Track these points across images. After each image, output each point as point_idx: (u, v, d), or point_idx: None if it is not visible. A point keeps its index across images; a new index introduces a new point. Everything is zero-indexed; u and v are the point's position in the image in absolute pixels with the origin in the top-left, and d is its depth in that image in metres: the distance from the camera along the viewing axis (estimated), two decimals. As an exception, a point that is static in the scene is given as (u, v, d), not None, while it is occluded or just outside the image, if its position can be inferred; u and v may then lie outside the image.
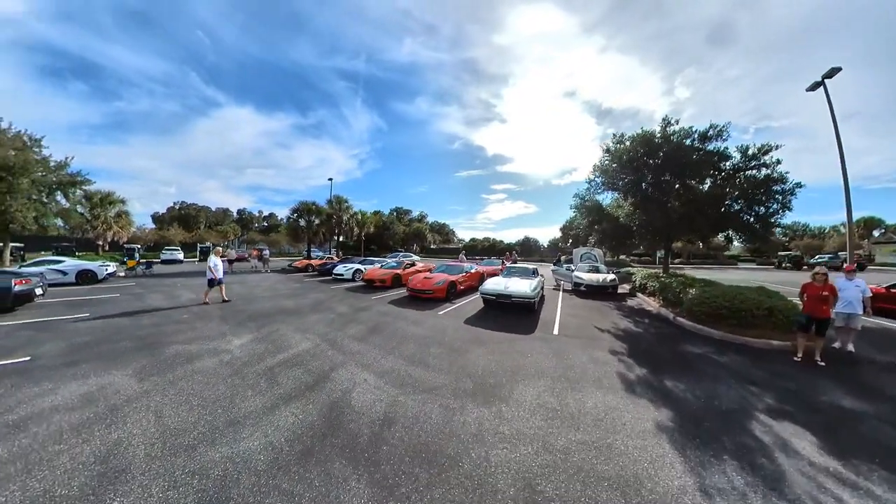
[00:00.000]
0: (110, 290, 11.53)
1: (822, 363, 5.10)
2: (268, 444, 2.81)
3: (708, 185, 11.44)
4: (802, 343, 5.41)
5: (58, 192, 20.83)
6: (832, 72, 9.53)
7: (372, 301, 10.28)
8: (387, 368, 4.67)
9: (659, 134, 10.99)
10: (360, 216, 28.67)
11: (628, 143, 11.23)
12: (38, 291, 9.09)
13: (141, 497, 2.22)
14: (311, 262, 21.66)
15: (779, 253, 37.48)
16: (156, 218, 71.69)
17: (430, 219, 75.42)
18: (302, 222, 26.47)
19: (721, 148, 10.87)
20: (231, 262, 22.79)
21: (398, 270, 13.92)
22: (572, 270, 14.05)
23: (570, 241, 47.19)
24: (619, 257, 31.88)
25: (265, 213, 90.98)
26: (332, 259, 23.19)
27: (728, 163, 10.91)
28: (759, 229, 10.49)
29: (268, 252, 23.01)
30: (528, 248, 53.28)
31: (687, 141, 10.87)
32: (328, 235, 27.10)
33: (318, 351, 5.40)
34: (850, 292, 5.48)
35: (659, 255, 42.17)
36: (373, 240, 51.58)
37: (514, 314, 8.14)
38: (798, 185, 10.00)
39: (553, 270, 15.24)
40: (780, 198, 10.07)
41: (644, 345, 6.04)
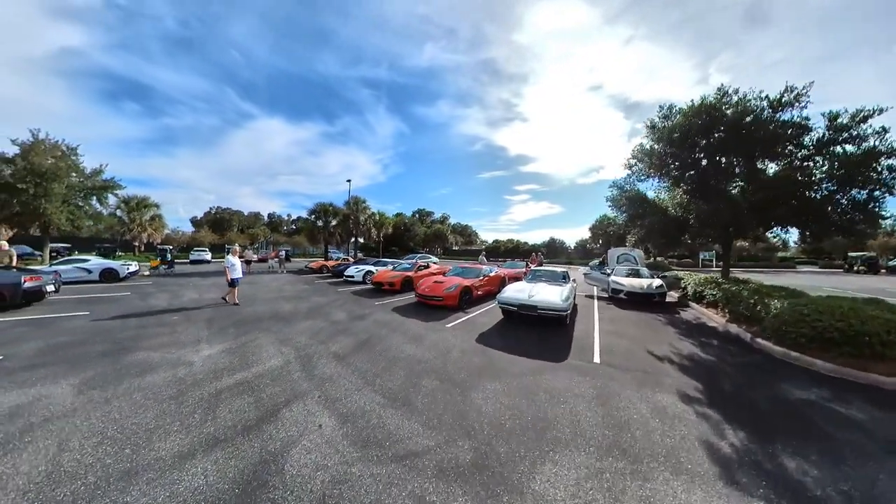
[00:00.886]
0: (125, 289, 11.95)
1: None
2: None
3: (781, 165, 9.20)
4: None
5: (92, 197, 21.86)
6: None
7: (374, 307, 9.10)
8: (355, 409, 3.38)
9: (714, 102, 8.92)
10: (377, 217, 27.90)
11: (679, 118, 9.23)
12: (50, 288, 9.30)
13: None
14: (326, 263, 21.25)
15: (849, 254, 32.40)
16: (194, 221, 76.09)
17: (452, 220, 74.17)
18: (320, 223, 26.02)
19: (800, 117, 8.64)
20: (249, 262, 22.78)
21: (409, 273, 12.69)
22: (608, 274, 12.16)
23: (601, 241, 43.98)
24: (656, 259, 28.86)
25: (293, 217, 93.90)
26: (347, 260, 22.55)
27: (809, 136, 8.65)
28: (860, 221, 8.18)
29: (284, 253, 22.82)
30: (553, 250, 50.59)
31: (755, 111, 8.73)
32: (345, 236, 26.52)
33: (284, 372, 4.33)
34: None
35: (702, 257, 38.16)
36: (393, 241, 51.10)
37: (541, 330, 6.57)
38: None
39: (585, 275, 13.34)
40: (887, 177, 7.74)
41: (725, 383, 4.30)
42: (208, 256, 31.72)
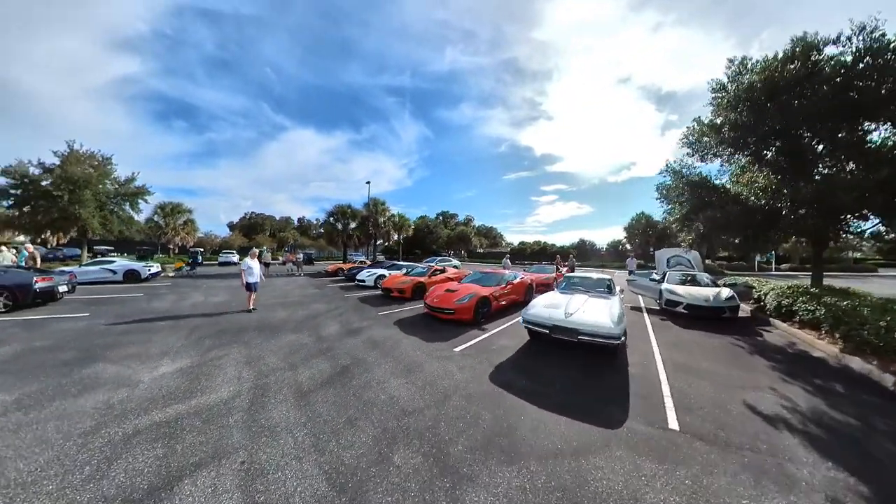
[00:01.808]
0: (141, 290, 12.31)
1: None
2: None
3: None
4: None
5: (125, 203, 22.81)
6: None
7: (375, 319, 7.83)
8: (278, 499, 2.03)
9: (812, 43, 6.72)
10: (397, 218, 26.91)
11: (758, 75, 7.06)
12: (63, 289, 9.53)
13: None
14: (342, 266, 20.54)
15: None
16: (231, 226, 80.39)
17: (477, 222, 72.57)
18: (339, 226, 25.45)
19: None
20: (267, 265, 22.56)
21: (422, 278, 11.32)
22: (659, 281, 10.11)
23: (638, 241, 40.37)
24: (703, 261, 25.48)
25: (321, 221, 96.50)
26: (363, 263, 21.74)
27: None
28: None
29: (301, 256, 22.45)
30: (583, 252, 47.36)
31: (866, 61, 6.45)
32: (363, 239, 25.77)
33: (223, 411, 3.37)
34: None
35: (759, 259, 33.64)
36: (416, 244, 50.31)
37: (581, 361, 4.89)
38: None
39: (629, 281, 11.26)
40: None
41: (920, 484, 2.48)
42: (235, 259, 32.84)
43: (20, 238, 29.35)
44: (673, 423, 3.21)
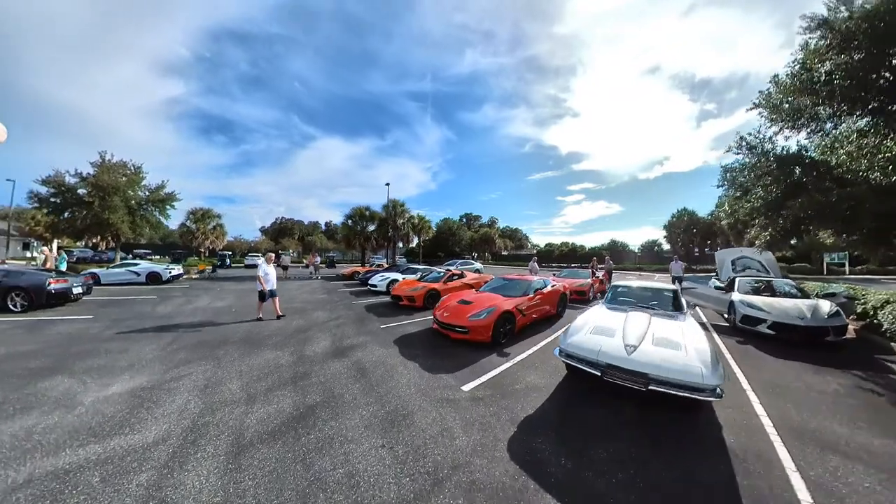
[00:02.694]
0: (156, 293, 12.58)
1: None
2: None
3: None
4: None
5: (155, 209, 23.62)
6: None
7: (376, 332, 6.73)
8: None
9: None
10: (416, 220, 25.91)
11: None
12: (77, 291, 9.73)
13: None
14: (358, 269, 19.81)
15: None
16: (263, 230, 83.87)
17: (501, 224, 70.50)
18: (357, 228, 24.84)
19: None
20: (286, 268, 22.33)
21: (435, 285, 10.05)
22: (724, 289, 8.19)
23: (680, 241, 36.79)
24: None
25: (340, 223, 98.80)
26: (380, 266, 20.89)
27: None
28: None
29: (318, 259, 22.05)
30: (616, 254, 43.85)
31: None
32: (381, 241, 24.99)
33: (136, 464, 2.63)
34: None
35: (829, 260, 29.25)
36: (438, 246, 49.30)
37: (649, 415, 3.39)
38: None
39: (685, 289, 9.32)
40: None
41: None
42: (260, 261, 33.32)
43: (53, 242, 31.62)
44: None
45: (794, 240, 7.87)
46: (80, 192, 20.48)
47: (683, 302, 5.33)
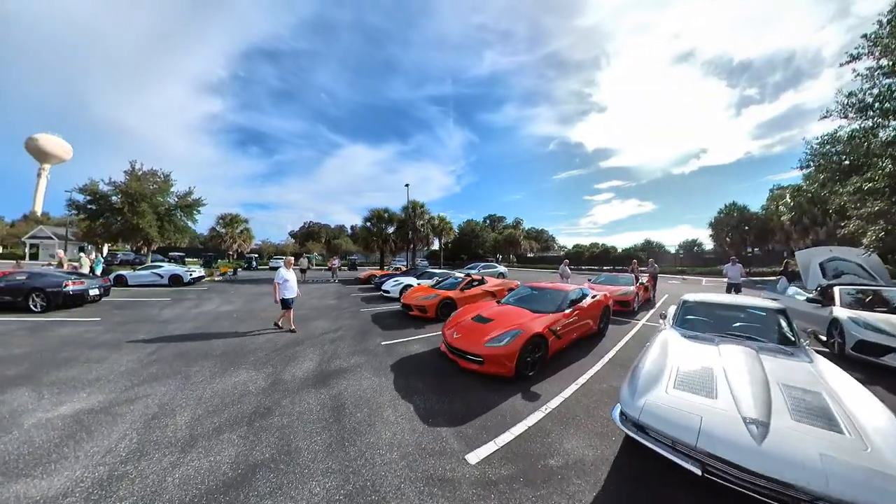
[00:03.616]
0: (174, 294, 12.89)
1: None
2: None
3: None
4: None
5: (182, 214, 24.30)
6: None
7: (373, 351, 5.60)
8: None
9: None
10: (436, 221, 24.79)
11: None
12: (94, 293, 10.06)
13: None
14: (374, 272, 19.00)
15: None
16: (292, 234, 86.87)
17: (526, 225, 68.01)
18: (376, 230, 24.11)
19: None
20: (304, 271, 21.96)
21: (451, 293, 8.74)
22: (820, 302, 6.28)
23: (729, 239, 32.85)
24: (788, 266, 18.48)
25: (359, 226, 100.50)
26: (398, 270, 19.97)
27: None
28: None
29: (337, 262, 21.55)
30: (653, 256, 40.18)
31: None
32: (399, 243, 24.08)
33: None
34: None
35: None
36: (461, 248, 47.97)
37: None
38: None
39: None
40: None
41: None
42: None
43: (104, 247, 33.55)
44: None
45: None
46: (113, 199, 21.31)
47: (795, 328, 3.67)
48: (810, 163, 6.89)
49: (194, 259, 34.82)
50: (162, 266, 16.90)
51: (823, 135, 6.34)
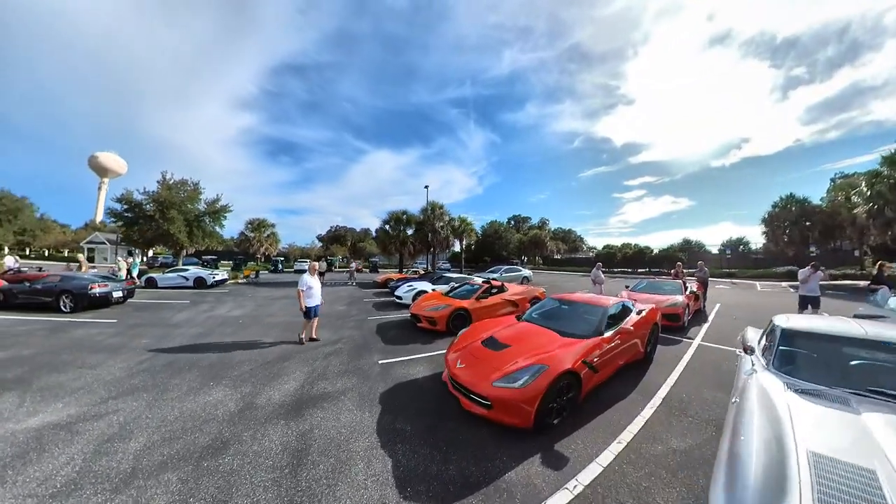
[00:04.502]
0: (194, 297, 13.16)
1: None
2: None
3: None
4: None
5: (211, 220, 25.14)
6: None
7: (366, 373, 4.76)
8: None
9: None
10: (457, 222, 23.84)
11: None
12: (117, 295, 10.45)
13: None
14: (391, 276, 18.37)
15: None
16: (319, 238, 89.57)
17: (553, 225, 65.41)
18: (395, 233, 23.57)
19: None
20: (322, 274, 21.81)
21: (465, 302, 7.70)
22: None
23: (786, 236, 29.01)
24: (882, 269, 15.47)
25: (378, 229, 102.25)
26: (415, 274, 19.24)
27: None
28: None
29: (354, 265, 21.27)
30: (693, 257, 36.34)
31: None
32: (417, 246, 23.35)
33: None
34: None
35: None
36: (484, 250, 46.63)
37: None
38: None
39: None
40: None
41: None
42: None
43: (149, 251, 35.72)
44: None
45: None
46: (146, 207, 22.33)
47: None
48: None
49: (226, 262, 36.34)
50: (188, 269, 17.49)
51: None
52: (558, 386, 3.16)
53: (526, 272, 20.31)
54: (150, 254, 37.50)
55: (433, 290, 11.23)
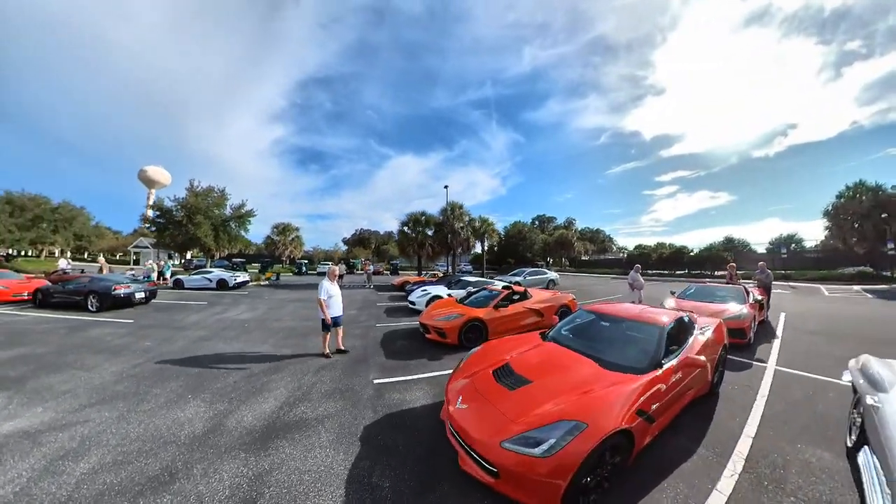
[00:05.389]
0: (212, 298, 13.32)
1: None
2: None
3: None
4: None
5: (236, 224, 25.88)
6: None
7: (357, 396, 3.95)
8: None
9: None
10: (477, 223, 22.82)
11: None
12: (139, 296, 10.81)
13: None
14: (408, 279, 17.79)
15: None
16: (344, 241, 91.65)
17: (580, 225, 62.63)
18: (413, 235, 22.95)
19: None
20: (341, 276, 21.60)
21: (481, 312, 6.70)
22: None
23: (857, 231, 25.11)
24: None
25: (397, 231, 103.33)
26: (434, 277, 18.47)
27: None
28: None
29: (372, 268, 20.78)
30: (738, 256, 32.49)
31: None
32: (436, 248, 22.55)
33: None
34: None
35: None
36: (507, 251, 45.13)
37: None
38: None
39: None
40: None
41: None
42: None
43: (187, 253, 37.56)
44: None
45: None
46: (176, 213, 23.20)
47: None
48: None
49: (255, 264, 37.49)
50: (212, 272, 18.04)
51: None
52: (601, 452, 2.14)
53: (552, 275, 18.90)
54: (188, 256, 39.39)
55: (449, 294, 10.36)
